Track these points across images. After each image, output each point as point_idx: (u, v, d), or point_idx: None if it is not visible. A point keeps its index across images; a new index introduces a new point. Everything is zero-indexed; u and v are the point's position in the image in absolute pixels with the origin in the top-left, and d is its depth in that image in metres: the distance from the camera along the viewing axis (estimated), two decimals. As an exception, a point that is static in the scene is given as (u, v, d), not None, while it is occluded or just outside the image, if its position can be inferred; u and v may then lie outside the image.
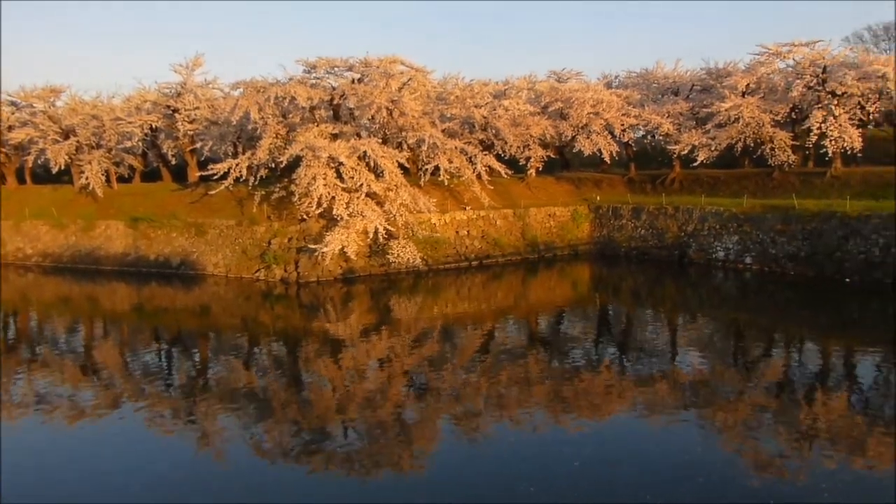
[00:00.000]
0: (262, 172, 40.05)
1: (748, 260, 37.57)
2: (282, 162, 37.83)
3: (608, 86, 53.47)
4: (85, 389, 20.68)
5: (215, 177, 39.93)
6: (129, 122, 46.27)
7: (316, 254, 35.68)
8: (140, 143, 48.91)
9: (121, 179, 51.74)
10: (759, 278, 35.48)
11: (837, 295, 31.17)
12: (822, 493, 12.55)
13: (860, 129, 40.57)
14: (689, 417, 17.06)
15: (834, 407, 17.67)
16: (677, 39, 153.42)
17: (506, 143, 45.57)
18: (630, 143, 51.45)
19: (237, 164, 39.21)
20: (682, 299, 33.75)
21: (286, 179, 38.42)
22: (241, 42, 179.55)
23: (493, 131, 45.33)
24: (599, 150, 47.29)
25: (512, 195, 46.03)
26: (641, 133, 53.87)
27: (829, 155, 40.99)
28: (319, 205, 35.48)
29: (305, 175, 35.22)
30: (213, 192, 40.98)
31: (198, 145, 46.14)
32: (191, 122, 45.66)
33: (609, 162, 49.40)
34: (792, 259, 35.69)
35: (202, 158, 47.66)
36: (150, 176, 54.81)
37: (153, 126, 47.55)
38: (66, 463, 15.22)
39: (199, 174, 44.21)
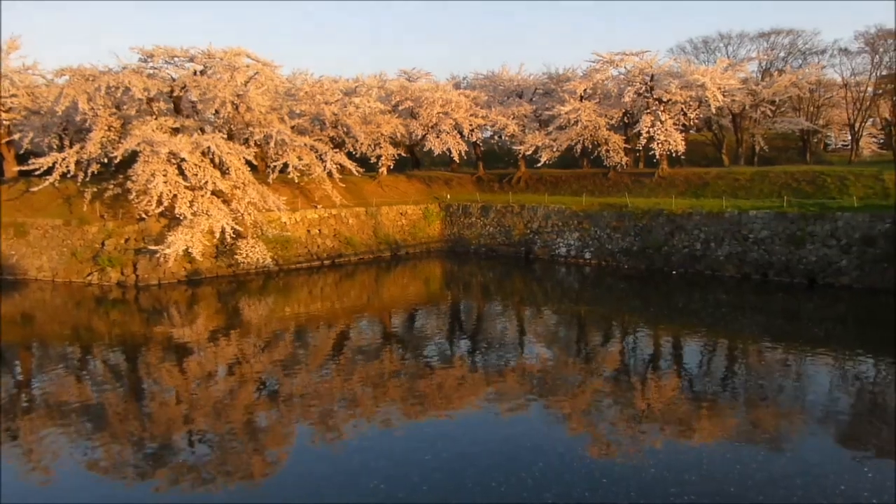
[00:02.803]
0: (94, 168, 37.29)
1: (587, 255, 40.00)
2: (116, 157, 35.30)
3: (457, 86, 54.81)
4: None
5: (38, 172, 36.66)
6: (-70, 110, 41.20)
7: (157, 255, 33.65)
8: (-55, 134, 43.66)
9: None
10: (598, 272, 37.92)
11: (666, 286, 33.98)
12: (649, 469, 13.65)
13: (683, 134, 44.48)
14: (535, 406, 17.89)
15: (664, 389, 19.25)
16: (523, 42, 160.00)
17: (357, 140, 45.45)
18: (478, 142, 53.06)
19: (64, 159, 36.24)
20: (529, 294, 35.29)
21: (121, 176, 35.95)
22: (65, 30, 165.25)
23: (344, 129, 45.03)
24: (449, 150, 48.45)
25: (364, 193, 45.95)
26: (489, 133, 55.80)
27: (657, 157, 44.51)
28: (160, 203, 33.55)
29: (143, 171, 33.13)
30: (35, 189, 37.50)
31: (16, 137, 41.90)
32: (6, 111, 41.46)
33: (458, 161, 50.71)
34: (626, 254, 38.43)
35: (21, 151, 43.27)
36: (-41, 171, 48.98)
37: (-40, 115, 42.60)
38: None
39: (17, 169, 40.23)
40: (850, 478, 13.14)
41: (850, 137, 56.16)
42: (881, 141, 60.63)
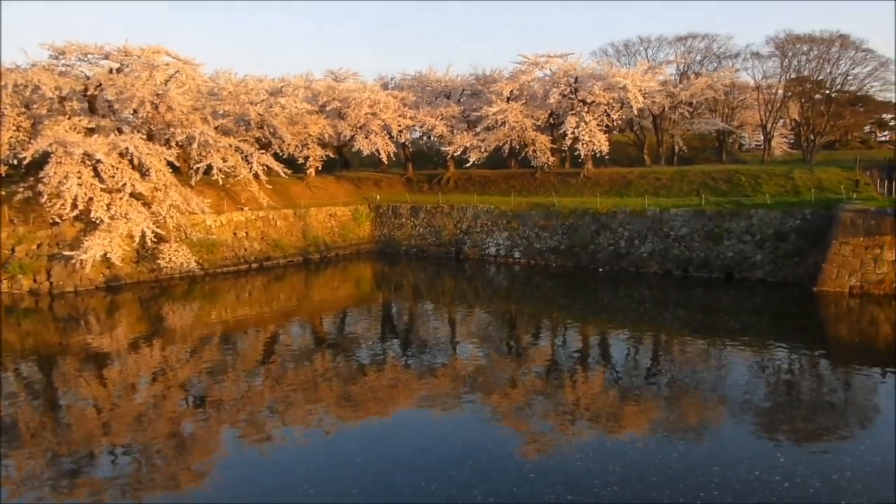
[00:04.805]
0: (1, 170, 35.38)
1: (517, 254, 40.57)
2: (25, 158, 33.62)
3: (384, 87, 54.66)
4: None
5: (-60, 175, 34.56)
6: None
7: (73, 261, 32.24)
8: None
9: None
10: (527, 271, 38.50)
11: (592, 283, 34.80)
12: (576, 463, 13.98)
13: (607, 134, 45.62)
14: (466, 405, 18.01)
15: (593, 385, 19.73)
16: (450, 43, 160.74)
17: (283, 141, 44.70)
18: (407, 143, 53.06)
19: (-32, 161, 34.28)
20: (460, 293, 35.50)
21: (32, 178, 34.23)
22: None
23: (270, 129, 44.21)
24: (378, 150, 48.22)
25: (292, 195, 45.26)
26: (418, 134, 55.86)
27: (582, 157, 45.53)
28: (74, 206, 32.18)
29: (56, 173, 31.70)
30: (-63, 194, 35.34)
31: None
32: None
33: (387, 162, 50.59)
34: (554, 252, 39.17)
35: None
36: None
37: None
38: None
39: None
40: (765, 463, 13.78)
41: (762, 138, 58.90)
42: (791, 141, 63.83)
